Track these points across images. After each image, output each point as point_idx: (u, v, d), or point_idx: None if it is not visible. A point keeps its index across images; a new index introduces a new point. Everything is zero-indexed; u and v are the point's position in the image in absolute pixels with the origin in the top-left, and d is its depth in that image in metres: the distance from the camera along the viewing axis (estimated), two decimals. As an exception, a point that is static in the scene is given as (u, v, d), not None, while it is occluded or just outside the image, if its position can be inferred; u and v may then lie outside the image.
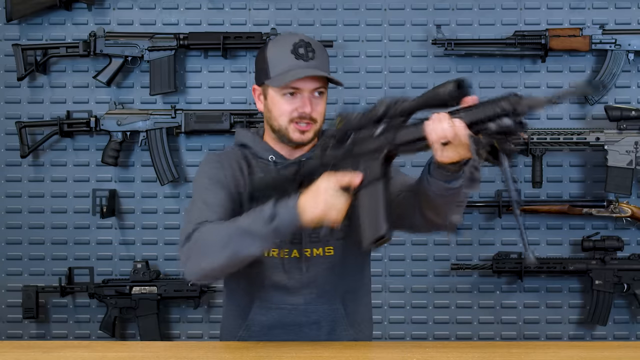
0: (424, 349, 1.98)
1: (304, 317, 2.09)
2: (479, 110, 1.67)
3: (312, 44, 2.05)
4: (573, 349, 2.06)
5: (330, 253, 2.08)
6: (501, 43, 3.29)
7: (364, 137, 1.88)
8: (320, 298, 2.09)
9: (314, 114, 2.05)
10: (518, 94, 1.62)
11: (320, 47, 2.08)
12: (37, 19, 3.40)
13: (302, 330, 2.09)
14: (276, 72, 2.04)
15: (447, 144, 1.71)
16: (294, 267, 2.07)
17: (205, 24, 3.39)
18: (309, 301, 2.08)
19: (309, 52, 2.03)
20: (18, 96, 3.42)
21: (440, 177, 1.82)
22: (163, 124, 3.31)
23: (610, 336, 3.36)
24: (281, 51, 2.04)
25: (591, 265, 3.25)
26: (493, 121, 1.64)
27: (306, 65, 2.02)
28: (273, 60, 2.05)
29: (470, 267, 3.32)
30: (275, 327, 2.09)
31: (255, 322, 2.10)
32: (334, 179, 1.86)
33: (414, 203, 1.96)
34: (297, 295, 2.08)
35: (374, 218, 1.83)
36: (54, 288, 3.33)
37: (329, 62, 2.10)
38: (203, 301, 3.36)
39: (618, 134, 3.18)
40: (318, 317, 2.09)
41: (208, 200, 2.02)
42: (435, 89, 1.73)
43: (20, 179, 3.42)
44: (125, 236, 3.42)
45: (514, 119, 1.62)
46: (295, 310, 2.08)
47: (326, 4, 3.38)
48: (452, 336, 3.37)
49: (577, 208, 3.26)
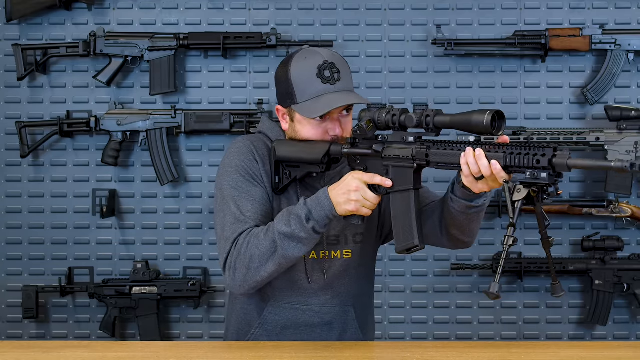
0: (424, 349, 1.98)
1: (318, 319, 2.09)
2: (519, 156, 1.70)
3: (335, 63, 2.03)
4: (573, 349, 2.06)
5: (348, 256, 2.10)
6: (501, 43, 3.29)
7: (394, 141, 1.91)
8: (335, 300, 2.10)
9: (344, 134, 2.04)
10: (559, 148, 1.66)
11: (343, 63, 2.06)
12: (37, 19, 3.40)
13: (314, 331, 2.09)
14: (304, 97, 2.01)
15: (481, 178, 1.77)
16: (315, 268, 2.07)
17: (205, 24, 3.39)
18: (323, 302, 2.09)
19: (335, 74, 2.01)
20: (18, 96, 3.41)
21: (463, 196, 1.88)
22: (163, 124, 3.31)
23: (610, 336, 3.35)
24: (306, 75, 2.01)
25: (591, 265, 3.25)
26: (530, 169, 1.68)
27: (334, 89, 2.00)
28: (299, 84, 2.01)
29: (470, 267, 3.32)
30: (288, 327, 2.09)
31: (268, 322, 2.10)
32: (366, 176, 1.90)
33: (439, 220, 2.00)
34: (313, 297, 2.08)
35: (407, 227, 1.88)
36: (54, 288, 3.33)
37: (351, 76, 2.09)
38: (203, 301, 3.36)
39: (618, 134, 3.18)
40: (331, 319, 2.10)
41: (241, 203, 1.99)
42: (470, 115, 1.76)
43: (20, 179, 3.42)
44: (125, 236, 3.42)
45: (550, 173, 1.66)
46: (309, 311, 2.09)
47: (326, 4, 3.38)
48: (452, 336, 3.37)
49: (577, 208, 3.26)
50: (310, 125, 2.03)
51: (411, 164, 1.88)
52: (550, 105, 3.35)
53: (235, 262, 1.94)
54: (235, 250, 1.94)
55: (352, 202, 1.88)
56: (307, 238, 1.90)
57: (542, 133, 3.19)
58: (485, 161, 1.74)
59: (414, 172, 1.89)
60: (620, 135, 3.18)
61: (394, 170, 1.91)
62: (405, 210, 1.89)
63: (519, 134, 3.19)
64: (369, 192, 1.90)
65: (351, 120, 2.08)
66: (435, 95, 3.36)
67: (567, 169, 1.65)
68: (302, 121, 2.04)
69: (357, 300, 2.14)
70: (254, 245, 1.92)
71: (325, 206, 1.90)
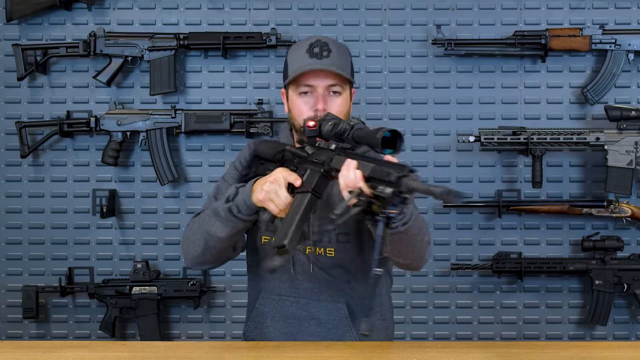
0: (424, 349, 1.98)
1: (304, 312, 2.10)
2: (376, 168, 1.74)
3: (329, 44, 2.06)
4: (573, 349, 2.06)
5: (332, 254, 2.10)
6: (501, 43, 3.29)
7: (324, 147, 1.95)
8: (322, 294, 2.10)
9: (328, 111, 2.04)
10: (413, 171, 1.69)
11: (340, 48, 2.08)
12: (37, 19, 3.40)
13: (302, 324, 2.11)
14: (291, 71, 2.06)
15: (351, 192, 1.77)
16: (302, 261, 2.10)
17: (205, 24, 3.39)
18: (309, 295, 2.10)
19: (324, 51, 2.04)
20: (18, 96, 3.42)
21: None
22: (163, 124, 3.31)
23: (610, 336, 3.36)
24: (298, 52, 2.07)
25: (591, 265, 3.25)
26: (383, 184, 1.71)
27: (319, 64, 2.03)
28: (291, 61, 2.08)
29: (470, 267, 3.32)
30: (276, 319, 2.11)
31: (258, 313, 2.14)
32: (284, 173, 1.94)
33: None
34: (300, 288, 2.10)
35: (287, 226, 1.86)
36: (54, 288, 3.33)
37: (349, 63, 2.10)
38: (203, 301, 3.36)
39: (618, 134, 3.18)
40: (318, 313, 2.10)
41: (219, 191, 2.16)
42: (373, 132, 1.79)
43: (20, 179, 3.42)
44: (125, 236, 3.42)
45: (396, 191, 1.69)
46: (296, 303, 2.10)
47: (326, 4, 3.38)
48: (452, 336, 3.37)
49: (577, 208, 3.26)
50: (297, 101, 2.07)
51: (320, 168, 1.91)
52: (550, 105, 3.35)
53: (184, 234, 2.13)
54: (189, 223, 2.13)
55: (263, 192, 1.93)
56: (225, 218, 1.99)
57: (542, 133, 3.19)
58: (352, 172, 1.78)
59: (319, 177, 1.90)
60: (620, 135, 3.18)
61: (308, 173, 1.93)
62: (295, 211, 1.87)
63: (519, 134, 3.19)
64: (283, 190, 1.91)
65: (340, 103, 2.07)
66: (435, 95, 3.37)
67: (406, 189, 1.67)
68: (292, 98, 2.09)
69: (353, 299, 2.12)
70: (198, 218, 2.10)
71: (246, 192, 1.97)
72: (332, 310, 2.11)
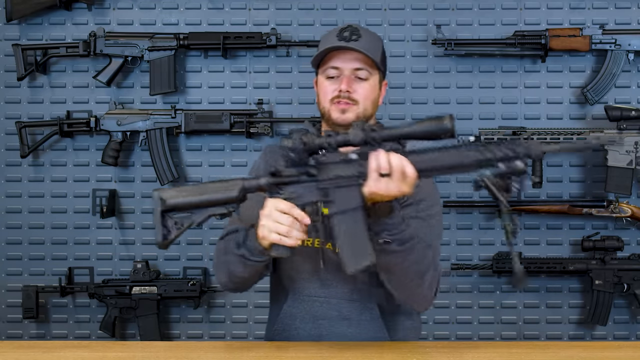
0: (424, 349, 1.98)
1: (335, 312, 2.07)
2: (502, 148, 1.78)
3: (360, 30, 2.04)
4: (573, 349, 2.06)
5: None
6: (501, 43, 3.29)
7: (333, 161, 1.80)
8: (353, 294, 2.07)
9: (354, 95, 2.03)
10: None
11: (371, 35, 2.07)
12: (37, 19, 3.40)
13: (332, 325, 2.06)
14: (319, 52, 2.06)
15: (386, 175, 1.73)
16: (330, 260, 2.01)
17: (205, 24, 3.39)
18: (340, 295, 2.06)
19: (354, 35, 2.02)
20: (18, 96, 3.42)
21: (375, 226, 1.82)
22: (163, 124, 3.31)
23: (610, 336, 3.36)
24: (329, 36, 2.06)
25: (591, 265, 3.25)
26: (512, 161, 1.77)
27: (345, 44, 2.02)
28: (321, 45, 2.07)
29: (470, 267, 3.32)
30: (306, 320, 2.07)
31: (286, 315, 2.09)
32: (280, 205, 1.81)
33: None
34: (331, 288, 2.06)
35: (361, 245, 1.79)
36: (54, 288, 3.33)
37: (379, 50, 2.08)
38: (203, 301, 3.36)
39: (618, 134, 3.18)
40: (349, 314, 2.07)
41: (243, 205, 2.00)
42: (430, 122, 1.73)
43: (20, 179, 3.42)
44: (125, 236, 3.42)
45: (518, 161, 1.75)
46: (327, 304, 2.07)
47: (326, 4, 3.38)
48: (452, 336, 3.37)
49: (577, 208, 3.26)
50: (324, 84, 2.05)
51: (356, 182, 1.78)
52: (550, 105, 3.35)
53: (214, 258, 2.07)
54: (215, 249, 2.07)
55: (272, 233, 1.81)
56: (242, 263, 1.91)
57: (542, 133, 3.18)
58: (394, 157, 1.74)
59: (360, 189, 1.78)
60: (620, 135, 3.18)
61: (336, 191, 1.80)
62: (355, 230, 1.78)
63: (519, 134, 3.19)
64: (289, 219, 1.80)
65: (368, 87, 2.04)
66: (435, 95, 3.36)
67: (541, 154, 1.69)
68: (319, 81, 2.08)
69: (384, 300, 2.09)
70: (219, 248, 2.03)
71: (252, 237, 1.88)
72: (363, 310, 2.07)
